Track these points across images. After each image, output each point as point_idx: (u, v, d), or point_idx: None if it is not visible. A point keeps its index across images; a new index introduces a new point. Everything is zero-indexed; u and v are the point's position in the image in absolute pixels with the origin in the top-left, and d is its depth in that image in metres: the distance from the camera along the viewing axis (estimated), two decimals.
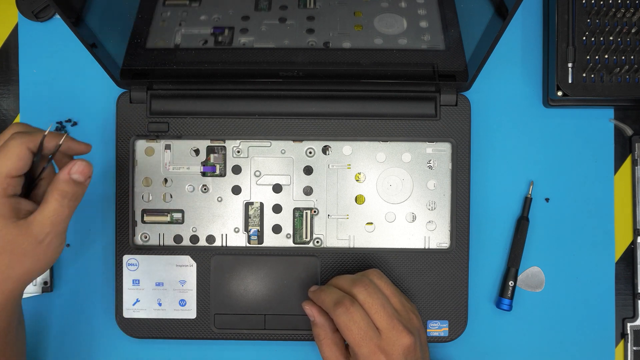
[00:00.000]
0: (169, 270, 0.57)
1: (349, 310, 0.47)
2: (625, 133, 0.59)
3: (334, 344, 0.50)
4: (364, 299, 0.48)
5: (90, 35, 0.49)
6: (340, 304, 0.47)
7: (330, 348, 0.50)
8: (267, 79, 0.55)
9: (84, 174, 0.45)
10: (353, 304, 0.47)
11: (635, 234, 0.59)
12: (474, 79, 0.53)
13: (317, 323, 0.50)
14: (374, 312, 0.47)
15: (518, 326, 0.59)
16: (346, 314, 0.47)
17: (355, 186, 0.57)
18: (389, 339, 0.47)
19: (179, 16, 0.49)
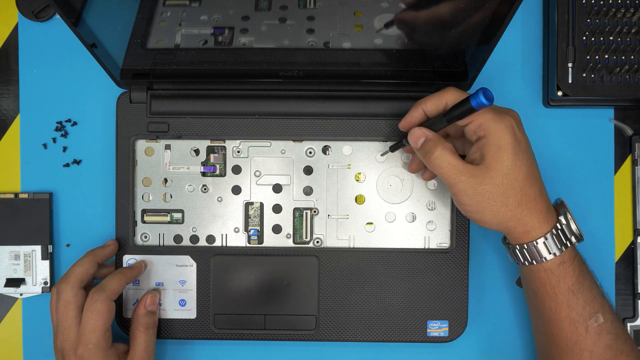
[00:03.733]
0: (169, 270, 0.57)
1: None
2: (625, 133, 0.59)
3: (452, 151, 0.48)
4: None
5: (90, 35, 0.49)
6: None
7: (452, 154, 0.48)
8: (267, 79, 0.55)
9: (155, 303, 0.55)
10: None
11: (635, 234, 0.59)
12: (474, 79, 0.53)
13: (430, 136, 0.49)
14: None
15: (518, 326, 0.59)
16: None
17: (355, 186, 0.57)
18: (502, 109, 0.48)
19: (179, 16, 0.49)
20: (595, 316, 0.48)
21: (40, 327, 0.59)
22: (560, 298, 0.49)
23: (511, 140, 0.47)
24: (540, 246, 0.48)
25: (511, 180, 0.47)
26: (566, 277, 0.48)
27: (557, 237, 0.48)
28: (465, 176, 0.47)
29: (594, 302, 0.49)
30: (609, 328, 0.49)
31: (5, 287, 0.58)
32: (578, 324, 0.48)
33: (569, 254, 0.49)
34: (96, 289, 0.52)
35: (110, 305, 0.52)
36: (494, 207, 0.47)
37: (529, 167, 0.48)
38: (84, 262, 0.53)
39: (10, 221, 0.58)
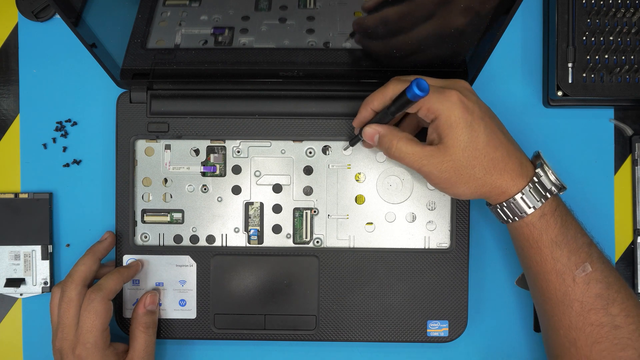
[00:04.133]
0: (169, 270, 0.57)
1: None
2: (625, 133, 0.59)
3: (409, 140, 0.49)
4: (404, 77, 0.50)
5: (90, 35, 0.49)
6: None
7: (407, 143, 0.49)
8: (267, 79, 0.55)
9: (155, 302, 0.55)
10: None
11: (635, 234, 0.59)
12: (474, 79, 0.53)
13: (383, 132, 0.50)
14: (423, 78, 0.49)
15: (518, 326, 0.59)
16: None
17: (355, 186, 0.57)
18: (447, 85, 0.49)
19: (179, 16, 0.49)
20: (583, 266, 0.48)
21: (40, 327, 0.59)
22: (544, 251, 0.48)
23: (461, 114, 0.47)
24: (519, 202, 0.48)
25: (472, 152, 0.47)
26: (548, 229, 0.48)
27: (535, 190, 0.48)
28: (426, 160, 0.48)
29: (580, 251, 0.48)
30: (599, 277, 0.48)
31: (5, 287, 0.58)
32: (565, 275, 0.48)
33: (550, 205, 0.48)
34: (93, 288, 0.52)
35: (108, 304, 0.52)
36: (462, 179, 0.48)
37: (488, 133, 0.47)
38: (86, 261, 0.54)
39: (10, 221, 0.58)
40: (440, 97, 0.47)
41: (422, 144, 0.49)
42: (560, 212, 0.49)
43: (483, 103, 0.49)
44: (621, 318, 0.47)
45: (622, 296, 0.48)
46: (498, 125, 0.49)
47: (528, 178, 0.48)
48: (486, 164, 0.48)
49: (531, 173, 0.49)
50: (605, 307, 0.47)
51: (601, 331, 0.47)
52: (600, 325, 0.47)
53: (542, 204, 0.48)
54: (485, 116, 0.48)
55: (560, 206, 0.49)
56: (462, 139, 0.47)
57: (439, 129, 0.48)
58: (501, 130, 0.49)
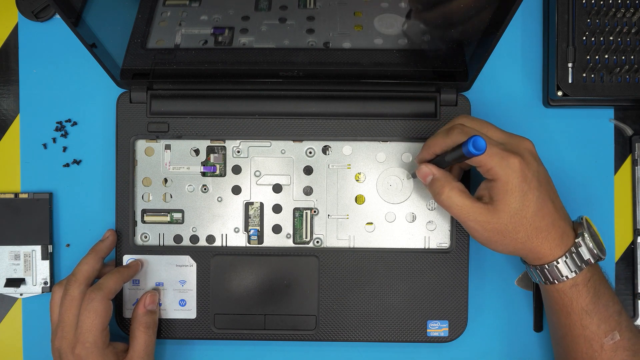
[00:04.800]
0: (169, 270, 0.57)
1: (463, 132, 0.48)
2: (625, 133, 0.59)
3: (461, 191, 0.49)
4: (471, 124, 0.49)
5: (90, 35, 0.49)
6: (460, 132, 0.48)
7: (459, 195, 0.49)
8: (267, 79, 0.55)
9: (155, 302, 0.55)
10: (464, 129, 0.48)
11: (635, 234, 0.59)
12: (474, 79, 0.53)
13: (437, 177, 0.50)
14: (486, 130, 0.49)
15: (518, 326, 0.59)
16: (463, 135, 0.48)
17: (355, 186, 0.57)
18: (512, 143, 0.49)
19: (179, 16, 0.49)
20: (612, 334, 0.49)
21: (40, 327, 0.59)
22: (573, 317, 0.49)
23: (518, 183, 0.47)
24: (554, 269, 0.49)
25: (519, 219, 0.48)
26: (579, 298, 0.49)
27: (571, 260, 0.49)
28: (473, 216, 0.48)
29: (610, 320, 0.49)
30: (626, 345, 0.49)
31: (5, 287, 0.58)
32: (593, 342, 0.49)
33: (584, 275, 0.49)
34: (93, 288, 0.52)
35: (108, 303, 0.52)
36: (504, 241, 0.49)
37: (539, 202, 0.48)
38: (89, 260, 0.54)
39: (10, 221, 0.58)
40: (501, 161, 0.47)
41: (472, 199, 0.49)
42: (594, 282, 0.49)
43: (543, 170, 0.50)
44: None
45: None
46: (550, 193, 0.49)
47: (567, 248, 0.49)
48: (530, 232, 0.48)
49: (571, 243, 0.49)
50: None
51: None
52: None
53: (576, 274, 0.49)
54: (541, 186, 0.48)
55: (595, 275, 0.50)
56: (513, 206, 0.47)
57: (493, 191, 0.48)
58: (551, 198, 0.49)
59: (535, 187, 0.48)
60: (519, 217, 0.48)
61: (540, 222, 0.48)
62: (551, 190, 0.50)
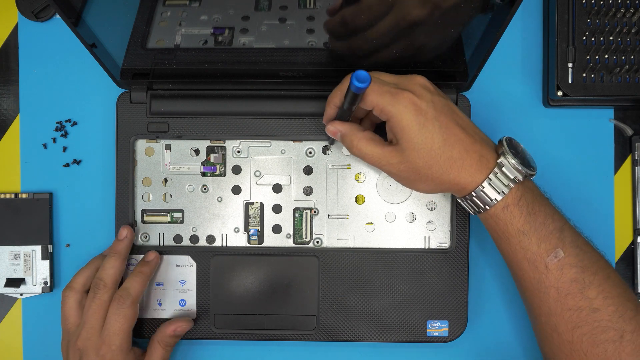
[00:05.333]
0: (169, 270, 0.57)
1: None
2: (625, 133, 0.59)
3: (369, 140, 0.49)
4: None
5: (90, 35, 0.49)
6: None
7: (367, 144, 0.49)
8: (267, 79, 0.55)
9: (184, 331, 0.55)
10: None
11: (635, 234, 0.59)
12: (474, 79, 0.53)
13: (344, 131, 0.50)
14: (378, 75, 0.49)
15: (518, 326, 0.59)
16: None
17: (355, 186, 0.57)
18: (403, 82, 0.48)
19: (179, 16, 0.49)
20: (554, 252, 0.47)
21: (40, 327, 0.59)
22: (512, 241, 0.48)
23: (412, 117, 0.47)
24: (481, 195, 0.48)
25: (427, 153, 0.47)
26: (513, 219, 0.47)
27: (498, 181, 0.47)
28: (384, 160, 0.49)
29: (550, 237, 0.47)
30: (572, 261, 0.47)
31: (5, 287, 0.58)
32: (537, 263, 0.47)
33: (513, 195, 0.47)
34: (122, 293, 0.52)
35: (136, 308, 0.53)
36: (421, 179, 0.48)
37: (443, 132, 0.47)
38: (115, 263, 0.54)
39: (10, 221, 0.58)
40: (391, 99, 0.47)
41: (381, 145, 0.49)
42: (525, 201, 0.48)
43: (440, 99, 0.48)
44: (599, 300, 0.46)
45: (599, 278, 0.47)
46: (457, 120, 0.48)
47: (488, 171, 0.47)
48: (443, 164, 0.47)
49: (492, 165, 0.48)
50: (582, 290, 0.47)
51: (580, 315, 0.47)
52: (578, 309, 0.47)
53: (505, 195, 0.47)
54: (441, 115, 0.47)
55: (527, 194, 0.48)
56: (415, 141, 0.47)
57: (393, 131, 0.48)
58: (460, 125, 0.48)
59: (432, 116, 0.47)
60: (426, 151, 0.47)
61: (451, 152, 0.47)
62: (457, 117, 0.49)
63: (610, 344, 0.46)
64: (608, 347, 0.46)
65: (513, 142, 0.49)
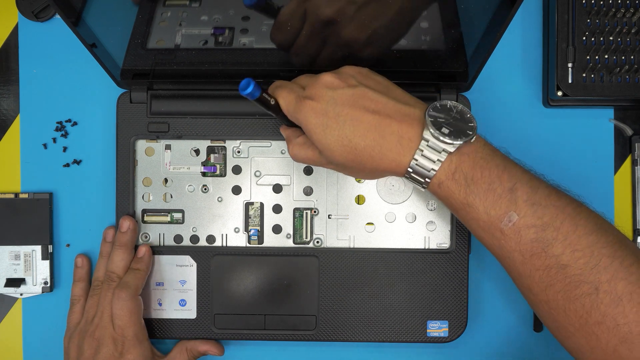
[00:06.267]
0: (169, 270, 0.57)
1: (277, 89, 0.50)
2: (625, 133, 0.59)
3: (301, 145, 0.50)
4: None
5: (90, 35, 0.49)
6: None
7: (300, 149, 0.50)
8: (267, 79, 0.55)
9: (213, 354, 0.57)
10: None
11: (635, 234, 0.59)
12: (474, 79, 0.53)
13: (285, 136, 0.52)
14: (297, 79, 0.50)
15: (518, 326, 0.59)
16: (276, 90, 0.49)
17: (356, 186, 0.57)
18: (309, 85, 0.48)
19: (179, 16, 0.49)
20: (507, 216, 0.44)
21: (40, 327, 0.59)
22: (461, 213, 0.46)
23: (314, 120, 0.46)
24: (414, 176, 0.46)
25: (341, 150, 0.46)
26: (452, 194, 0.45)
27: (426, 158, 0.45)
28: (318, 161, 0.49)
29: (499, 202, 0.44)
30: (530, 221, 0.44)
31: (5, 287, 0.58)
32: (492, 231, 0.45)
33: (446, 169, 0.45)
34: (120, 285, 0.53)
35: (138, 300, 0.54)
36: (353, 172, 0.49)
37: (350, 125, 0.45)
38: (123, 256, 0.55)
39: (10, 221, 0.58)
40: (295, 107, 0.48)
41: (312, 148, 0.49)
42: (462, 172, 0.45)
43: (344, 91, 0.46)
44: (567, 256, 0.44)
45: (564, 232, 0.44)
46: (366, 106, 0.46)
47: (412, 150, 0.45)
48: (361, 154, 0.46)
49: (415, 143, 0.45)
50: (545, 249, 0.44)
51: (550, 274, 0.44)
52: (546, 268, 0.44)
53: (436, 172, 0.45)
54: (344, 109, 0.46)
55: (464, 163, 0.45)
56: (325, 142, 0.46)
57: (309, 137, 0.48)
58: (371, 109, 0.46)
59: (334, 114, 0.46)
60: (339, 149, 0.46)
61: (364, 141, 0.45)
62: (368, 101, 0.46)
63: (587, 298, 0.43)
64: (585, 301, 0.43)
65: (444, 106, 0.47)
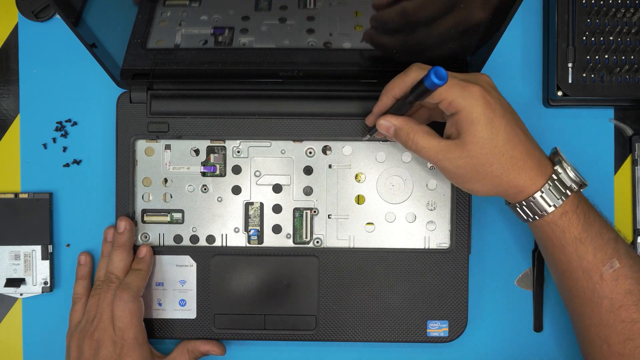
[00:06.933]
0: (169, 270, 0.57)
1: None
2: (625, 133, 0.59)
3: (427, 133, 0.48)
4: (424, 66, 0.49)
5: (90, 35, 0.49)
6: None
7: (424, 137, 0.48)
8: (267, 79, 0.55)
9: (215, 354, 0.57)
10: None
11: (635, 234, 0.59)
12: None
13: (399, 125, 0.49)
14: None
15: (518, 326, 0.59)
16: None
17: (356, 186, 0.57)
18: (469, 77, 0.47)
19: (179, 16, 0.49)
20: (610, 262, 0.46)
21: (40, 327, 0.59)
22: (568, 249, 0.47)
23: (482, 111, 0.46)
24: (539, 200, 0.47)
25: (490, 149, 0.46)
26: (571, 227, 0.47)
27: (555, 188, 0.47)
28: (442, 154, 0.47)
29: (606, 247, 0.47)
30: (627, 273, 0.46)
31: (5, 287, 0.58)
32: (592, 273, 0.47)
33: (571, 203, 0.47)
34: (122, 286, 0.53)
35: (140, 302, 0.54)
36: (479, 177, 0.47)
37: (508, 130, 0.47)
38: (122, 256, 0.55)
39: (10, 221, 0.58)
40: (462, 91, 0.46)
41: (439, 138, 0.48)
42: (582, 209, 0.48)
43: (505, 100, 0.48)
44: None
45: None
46: (518, 123, 0.48)
47: (547, 176, 0.47)
48: (504, 162, 0.47)
49: (550, 171, 0.48)
50: (636, 303, 0.46)
51: (633, 328, 0.46)
52: (632, 321, 0.46)
53: (563, 201, 0.47)
54: (507, 113, 0.47)
55: (582, 202, 0.48)
56: (481, 135, 0.46)
57: (459, 124, 0.47)
58: (521, 128, 0.48)
59: (500, 114, 0.46)
60: (489, 147, 0.46)
61: (514, 151, 0.47)
62: (518, 120, 0.48)
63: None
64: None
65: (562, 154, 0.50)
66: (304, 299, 0.56)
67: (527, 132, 0.49)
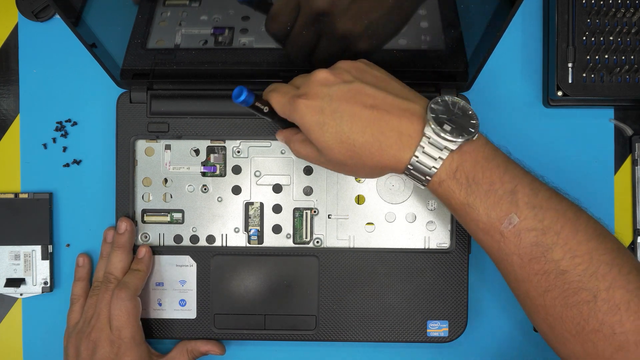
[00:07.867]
0: (169, 270, 0.57)
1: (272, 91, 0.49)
2: (625, 133, 0.59)
3: (302, 142, 0.49)
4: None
5: (90, 35, 0.49)
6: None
7: (301, 146, 0.49)
8: (267, 79, 0.55)
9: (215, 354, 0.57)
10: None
11: (635, 234, 0.59)
12: (474, 79, 0.53)
13: (281, 139, 0.53)
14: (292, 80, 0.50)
15: (518, 326, 0.59)
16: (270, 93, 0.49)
17: (356, 186, 0.57)
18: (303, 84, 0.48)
19: (179, 16, 0.49)
20: (508, 218, 0.43)
21: (40, 327, 0.59)
22: (460, 214, 0.45)
23: (311, 118, 0.46)
24: (419, 167, 0.44)
25: (339, 147, 0.46)
26: (452, 194, 0.45)
27: (427, 155, 0.44)
28: (317, 160, 0.49)
29: (500, 204, 0.44)
30: (530, 225, 0.43)
31: (5, 287, 0.58)
32: (492, 232, 0.44)
33: (447, 168, 0.44)
34: (120, 285, 0.53)
35: (137, 301, 0.54)
36: (352, 170, 0.48)
37: (347, 121, 0.45)
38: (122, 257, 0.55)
39: (10, 221, 0.58)
40: (290, 108, 0.47)
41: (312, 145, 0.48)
42: (464, 171, 0.44)
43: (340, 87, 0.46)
44: (566, 261, 0.43)
45: (564, 237, 0.43)
46: (364, 101, 0.45)
47: (413, 147, 0.44)
48: (360, 151, 0.45)
49: (416, 140, 0.44)
50: (544, 254, 0.43)
51: (548, 279, 0.43)
52: (545, 273, 0.43)
53: (437, 169, 0.44)
54: (341, 104, 0.45)
55: (466, 162, 0.44)
56: (323, 140, 0.46)
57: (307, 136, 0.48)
58: (370, 105, 0.45)
59: (330, 111, 0.45)
60: (337, 146, 0.45)
61: (363, 137, 0.45)
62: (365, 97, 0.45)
63: (584, 305, 0.43)
64: (582, 309, 0.43)
65: (445, 102, 0.46)
66: (304, 299, 0.56)
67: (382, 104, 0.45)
